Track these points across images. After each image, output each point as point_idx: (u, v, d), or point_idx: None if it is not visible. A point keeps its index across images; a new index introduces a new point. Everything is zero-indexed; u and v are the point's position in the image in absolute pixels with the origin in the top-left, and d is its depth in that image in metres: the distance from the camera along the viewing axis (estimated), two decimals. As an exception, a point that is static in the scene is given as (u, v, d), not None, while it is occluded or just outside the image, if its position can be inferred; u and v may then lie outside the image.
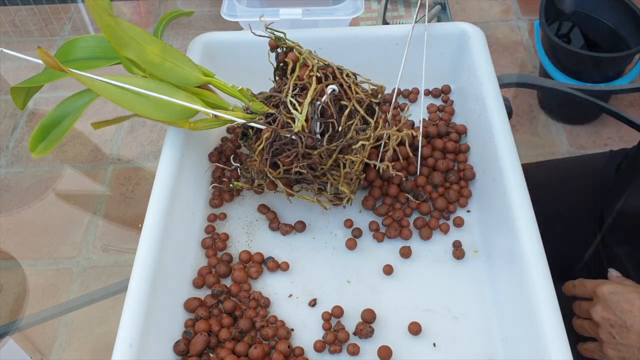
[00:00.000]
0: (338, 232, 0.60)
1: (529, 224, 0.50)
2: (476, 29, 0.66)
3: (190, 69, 0.54)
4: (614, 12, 1.34)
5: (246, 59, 0.68)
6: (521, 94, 1.51)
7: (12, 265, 1.23)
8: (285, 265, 0.57)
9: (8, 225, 1.30)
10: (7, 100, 1.58)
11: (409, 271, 0.56)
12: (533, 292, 0.46)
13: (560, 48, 1.28)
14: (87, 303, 1.16)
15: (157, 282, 0.49)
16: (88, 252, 1.24)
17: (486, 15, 1.72)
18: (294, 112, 0.50)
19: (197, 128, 0.55)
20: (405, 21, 0.99)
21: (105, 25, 0.50)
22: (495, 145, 0.56)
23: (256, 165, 0.54)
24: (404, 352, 0.51)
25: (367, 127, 0.53)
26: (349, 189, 0.54)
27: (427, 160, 0.62)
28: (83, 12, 1.82)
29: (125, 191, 1.36)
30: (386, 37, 0.67)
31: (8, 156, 1.44)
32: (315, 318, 0.54)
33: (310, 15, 0.75)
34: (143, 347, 0.45)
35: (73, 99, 0.55)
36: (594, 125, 1.44)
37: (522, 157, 0.56)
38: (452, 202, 0.60)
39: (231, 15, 0.76)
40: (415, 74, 0.65)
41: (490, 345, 0.51)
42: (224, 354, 0.50)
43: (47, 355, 1.10)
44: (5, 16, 1.81)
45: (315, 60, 0.53)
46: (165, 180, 0.55)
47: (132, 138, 1.47)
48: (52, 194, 1.35)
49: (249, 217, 0.61)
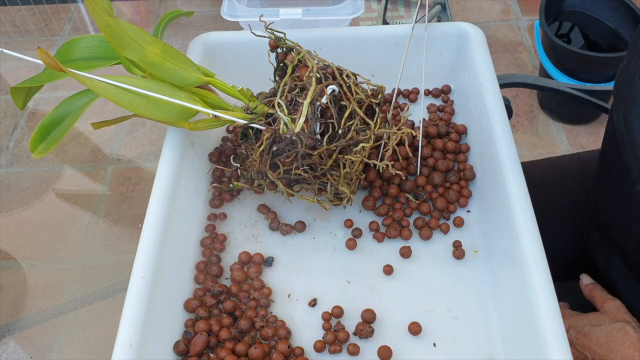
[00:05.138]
0: (338, 232, 0.60)
1: (529, 224, 0.50)
2: (476, 29, 0.66)
3: (191, 69, 0.54)
4: (614, 12, 1.34)
5: (246, 59, 0.68)
6: (521, 94, 1.51)
7: (12, 265, 1.23)
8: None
9: (8, 225, 1.30)
10: (7, 100, 1.58)
11: (409, 271, 0.56)
12: (533, 292, 0.46)
13: (560, 48, 1.28)
14: (87, 303, 1.17)
15: (157, 282, 0.49)
16: (88, 252, 1.24)
17: (486, 15, 1.72)
18: (280, 115, 0.50)
19: (197, 128, 0.55)
20: (405, 21, 0.99)
21: (105, 26, 0.50)
22: (495, 145, 0.56)
23: (256, 165, 0.54)
24: (404, 352, 0.51)
25: (367, 127, 0.53)
26: (349, 189, 0.55)
27: (427, 161, 0.62)
28: (83, 12, 1.82)
29: (125, 191, 1.36)
30: (386, 37, 0.67)
31: (8, 156, 1.44)
32: (315, 318, 0.54)
33: (310, 15, 0.75)
34: (143, 347, 0.45)
35: (73, 99, 0.55)
36: (594, 125, 1.44)
37: (522, 157, 0.56)
38: (452, 202, 0.60)
39: (231, 15, 0.76)
40: (415, 74, 0.65)
41: (490, 345, 0.51)
42: (224, 354, 0.50)
43: (47, 355, 1.10)
44: (5, 16, 1.81)
45: (315, 60, 0.53)
46: (165, 180, 0.55)
47: (132, 138, 1.47)
48: (52, 194, 1.35)
49: (249, 217, 0.61)
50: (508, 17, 1.72)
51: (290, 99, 0.52)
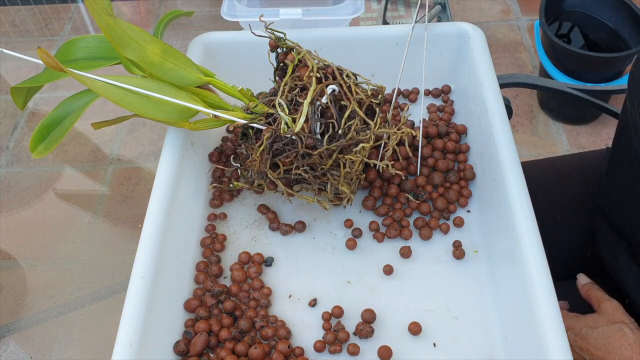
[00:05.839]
0: (338, 232, 0.60)
1: (529, 224, 0.50)
2: (476, 29, 0.66)
3: (191, 69, 0.54)
4: (614, 12, 1.34)
5: (246, 59, 0.68)
6: (521, 94, 1.51)
7: (11, 265, 1.23)
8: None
9: (8, 225, 1.30)
10: (7, 100, 1.58)
11: (409, 271, 0.56)
12: (533, 292, 0.46)
13: (560, 48, 1.28)
14: (87, 303, 1.17)
15: (157, 282, 0.49)
16: (88, 252, 1.24)
17: (486, 15, 1.72)
18: (280, 114, 0.50)
19: (197, 128, 0.55)
20: (405, 21, 0.99)
21: (105, 26, 0.50)
22: (495, 145, 0.56)
23: (256, 165, 0.54)
24: (404, 352, 0.51)
25: (367, 127, 0.53)
26: (349, 189, 0.55)
27: (427, 160, 0.62)
28: (83, 12, 1.82)
29: (125, 191, 1.36)
30: (386, 37, 0.67)
31: (8, 156, 1.44)
32: (315, 318, 0.54)
33: (310, 15, 0.75)
34: (143, 347, 0.45)
35: (73, 99, 0.55)
36: (594, 125, 1.44)
37: (522, 157, 0.56)
38: (452, 202, 0.60)
39: (231, 15, 0.76)
40: (415, 74, 0.65)
41: (490, 345, 0.51)
42: (224, 354, 0.50)
43: (47, 355, 1.10)
44: (5, 16, 1.81)
45: (315, 60, 0.53)
46: (165, 180, 0.55)
47: (132, 138, 1.47)
48: (52, 194, 1.35)
49: (249, 217, 0.61)
50: (508, 17, 1.72)
51: (291, 99, 0.52)
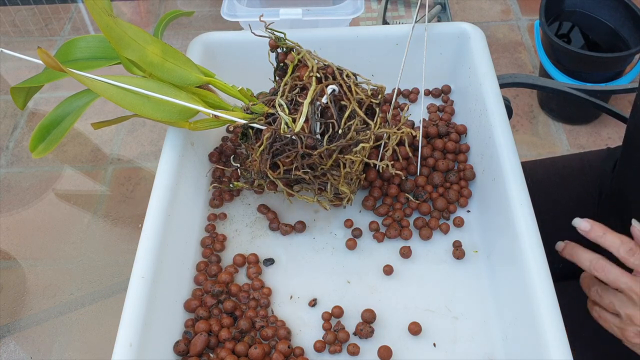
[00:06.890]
0: (338, 232, 0.60)
1: (529, 224, 0.50)
2: (476, 29, 0.66)
3: (191, 69, 0.54)
4: (614, 12, 1.34)
5: (246, 59, 0.68)
6: (521, 94, 1.51)
7: (11, 265, 1.23)
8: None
9: (8, 225, 1.30)
10: (7, 100, 1.58)
11: (409, 271, 0.56)
12: (533, 292, 0.46)
13: (560, 48, 1.28)
14: (87, 303, 1.17)
15: (157, 282, 0.49)
16: (88, 252, 1.24)
17: (486, 15, 1.72)
18: (280, 114, 0.50)
19: (197, 128, 0.55)
20: (405, 21, 0.99)
21: (105, 26, 0.50)
22: (495, 145, 0.56)
23: (256, 165, 0.54)
24: (404, 352, 0.51)
25: (367, 127, 0.53)
26: (349, 189, 0.55)
27: (427, 160, 0.62)
28: (83, 12, 1.82)
29: (125, 191, 1.36)
30: (386, 37, 0.67)
31: (8, 156, 1.44)
32: (315, 318, 0.54)
33: (310, 15, 0.75)
34: (143, 347, 0.45)
35: (73, 99, 0.55)
36: (594, 125, 1.44)
37: (522, 157, 0.56)
38: (452, 202, 0.60)
39: (231, 15, 0.76)
40: (415, 74, 0.65)
41: (490, 345, 0.51)
42: (224, 354, 0.50)
43: (47, 355, 1.10)
44: (5, 16, 1.81)
45: (315, 60, 0.53)
46: (165, 180, 0.55)
47: (132, 138, 1.47)
48: (52, 194, 1.35)
49: (249, 217, 0.61)
50: (508, 17, 1.72)
51: (291, 99, 0.52)
